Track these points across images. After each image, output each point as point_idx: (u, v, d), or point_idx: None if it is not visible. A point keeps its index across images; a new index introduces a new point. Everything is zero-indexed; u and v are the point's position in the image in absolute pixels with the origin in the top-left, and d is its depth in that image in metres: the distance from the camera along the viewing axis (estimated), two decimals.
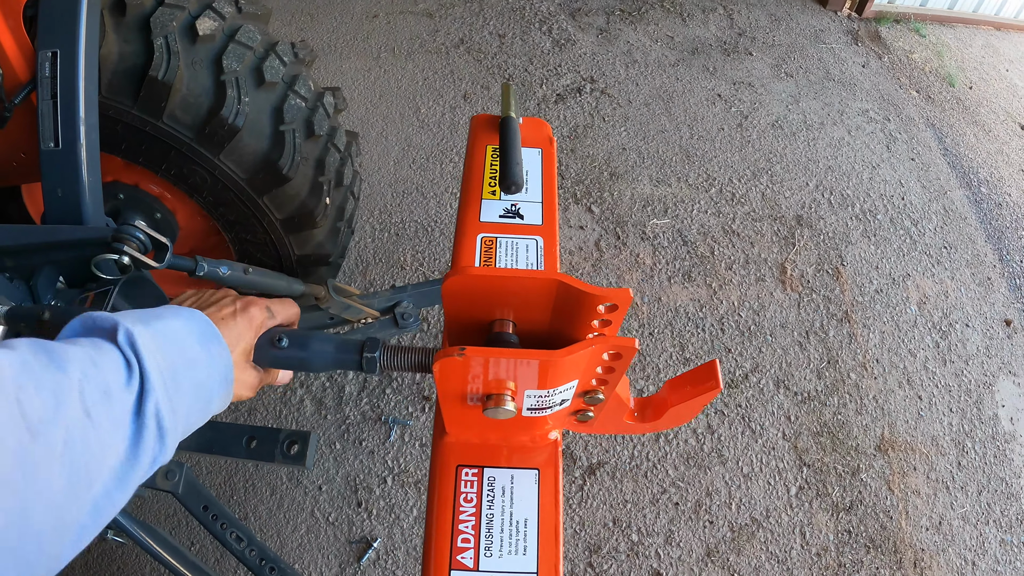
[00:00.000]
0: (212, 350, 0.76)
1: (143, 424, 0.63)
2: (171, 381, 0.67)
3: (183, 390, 0.69)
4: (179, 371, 0.69)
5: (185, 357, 0.71)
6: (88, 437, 0.57)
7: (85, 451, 0.57)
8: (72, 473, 0.55)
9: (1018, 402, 2.69)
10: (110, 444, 0.60)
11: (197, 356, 0.73)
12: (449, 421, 0.89)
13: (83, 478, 0.57)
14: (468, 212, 1.16)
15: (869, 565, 2.20)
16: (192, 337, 0.74)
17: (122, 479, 0.61)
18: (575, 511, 2.17)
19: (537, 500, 0.92)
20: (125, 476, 0.61)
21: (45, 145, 1.27)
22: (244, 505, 2.09)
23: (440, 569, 0.87)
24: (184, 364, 0.70)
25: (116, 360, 0.64)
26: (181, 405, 0.68)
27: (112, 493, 0.60)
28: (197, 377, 0.72)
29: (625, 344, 0.71)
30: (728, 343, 2.61)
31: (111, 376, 0.62)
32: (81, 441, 0.56)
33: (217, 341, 0.77)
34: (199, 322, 0.76)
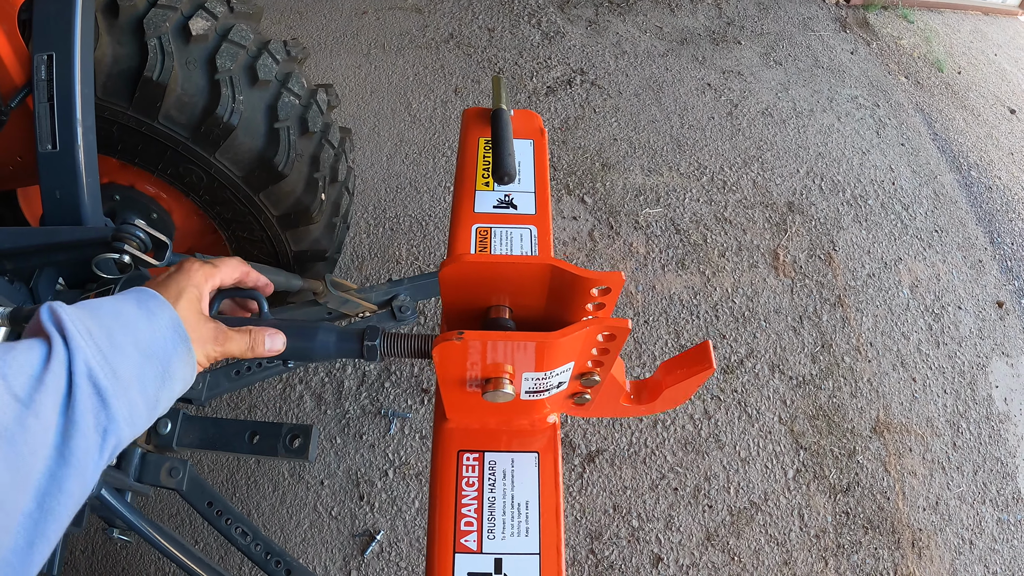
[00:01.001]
0: (150, 306, 0.72)
1: (75, 387, 0.59)
2: (105, 342, 0.64)
3: (124, 351, 0.66)
4: (114, 332, 0.66)
5: (120, 320, 0.68)
6: (25, 420, 0.55)
7: (24, 435, 0.55)
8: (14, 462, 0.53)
9: (1012, 383, 2.73)
10: (48, 420, 0.57)
11: (134, 316, 0.70)
12: (449, 407, 0.91)
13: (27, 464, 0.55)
14: (462, 203, 1.18)
15: (868, 545, 2.23)
16: (127, 303, 0.71)
17: (63, 452, 0.57)
18: (575, 498, 2.19)
19: (538, 482, 0.94)
20: (65, 448, 0.58)
21: (43, 147, 1.28)
22: (247, 502, 2.11)
23: (444, 552, 0.89)
24: (119, 326, 0.67)
25: (34, 341, 0.61)
26: (125, 368, 0.65)
27: (55, 471, 0.57)
28: (139, 337, 0.68)
29: (618, 325, 0.73)
30: (723, 329, 2.63)
31: (31, 355, 0.59)
32: (17, 426, 0.54)
33: (153, 298, 0.74)
34: (133, 292, 0.74)
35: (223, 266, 0.87)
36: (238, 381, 1.68)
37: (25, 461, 0.54)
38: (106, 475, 1.35)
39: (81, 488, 0.59)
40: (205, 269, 0.83)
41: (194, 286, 0.80)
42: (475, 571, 0.87)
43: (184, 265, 0.83)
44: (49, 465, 0.56)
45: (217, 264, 0.86)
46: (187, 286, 0.79)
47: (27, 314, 0.96)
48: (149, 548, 1.99)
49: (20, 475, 0.54)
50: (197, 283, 0.81)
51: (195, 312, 0.79)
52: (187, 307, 0.78)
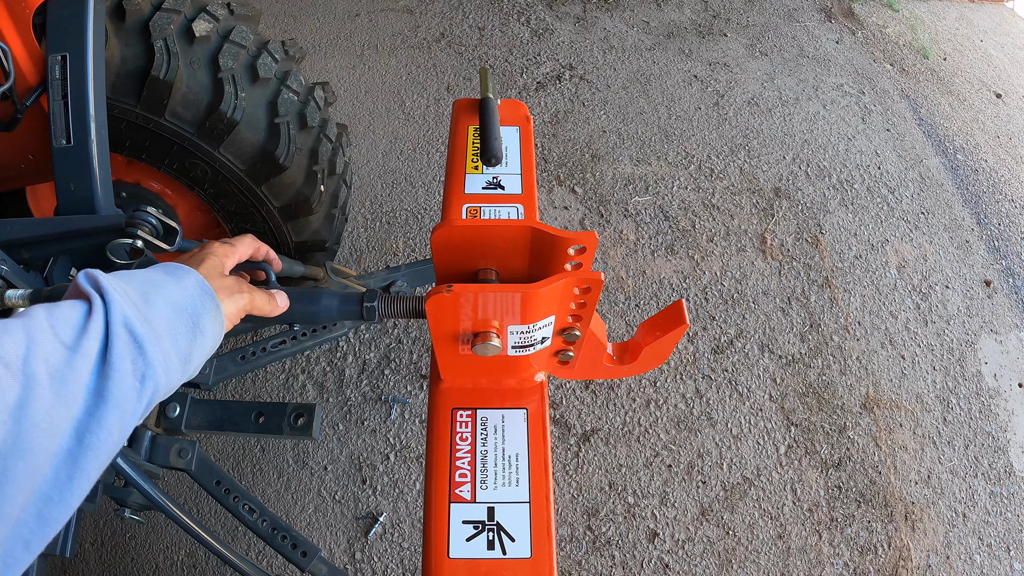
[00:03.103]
0: (177, 272, 0.79)
1: (112, 335, 0.64)
2: (139, 299, 0.70)
3: (155, 306, 0.71)
4: (147, 291, 0.72)
5: (151, 283, 0.74)
6: (74, 363, 0.60)
7: (74, 378, 0.60)
8: (63, 400, 0.59)
9: (1001, 359, 2.77)
10: (84, 365, 0.62)
11: (163, 279, 0.76)
12: (443, 367, 0.98)
13: (67, 399, 0.59)
14: (453, 185, 1.25)
15: (861, 519, 2.29)
16: (156, 270, 0.78)
17: (101, 392, 0.62)
18: (572, 477, 2.26)
19: (527, 436, 1.00)
20: (104, 389, 0.62)
21: (57, 143, 1.35)
22: (252, 488, 2.17)
23: (441, 502, 0.95)
24: (151, 286, 0.73)
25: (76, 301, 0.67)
26: (158, 319, 0.70)
27: (92, 410, 0.61)
28: (169, 294, 0.75)
29: (592, 277, 0.80)
30: (712, 311, 2.70)
31: (75, 311, 0.65)
32: (67, 369, 0.60)
33: (179, 267, 0.81)
34: (160, 264, 0.82)
35: (239, 244, 0.96)
36: (244, 365, 1.75)
37: (71, 399, 0.60)
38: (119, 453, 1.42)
39: (120, 427, 0.64)
40: (224, 247, 0.92)
41: (215, 256, 0.89)
42: (469, 519, 0.94)
43: (206, 246, 0.91)
44: (86, 403, 0.61)
45: (234, 243, 0.95)
46: (208, 255, 0.88)
47: (47, 294, 1.02)
48: (157, 537, 2.07)
49: (66, 411, 0.59)
50: (218, 255, 0.90)
51: (217, 273, 0.87)
52: (210, 270, 0.85)
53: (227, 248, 0.92)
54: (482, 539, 0.92)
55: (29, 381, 0.56)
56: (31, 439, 0.55)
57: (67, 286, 0.72)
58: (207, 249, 0.90)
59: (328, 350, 2.42)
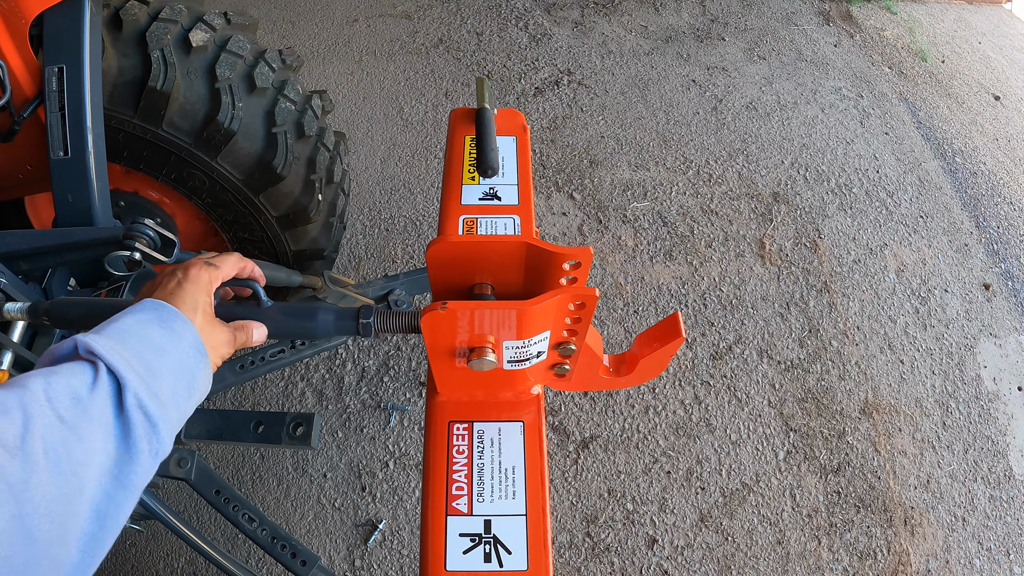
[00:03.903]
0: (175, 328, 0.76)
1: (128, 419, 0.64)
2: (144, 371, 0.68)
3: (161, 376, 0.70)
4: (149, 359, 0.69)
5: (151, 345, 0.71)
6: (68, 442, 0.58)
7: (68, 456, 0.57)
8: (61, 480, 0.56)
9: (1000, 363, 2.77)
10: (94, 445, 0.60)
11: (162, 340, 0.73)
12: (440, 380, 0.98)
13: (74, 483, 0.57)
14: (450, 196, 1.25)
15: (860, 524, 2.28)
16: (151, 325, 0.74)
17: (120, 478, 0.62)
18: (571, 484, 2.26)
19: (523, 449, 1.00)
20: (123, 474, 0.62)
21: (55, 154, 1.36)
22: (252, 496, 2.17)
23: (438, 515, 0.95)
24: (152, 351, 0.71)
25: (75, 366, 0.64)
26: (164, 391, 0.69)
27: (113, 494, 0.61)
28: (171, 360, 0.72)
29: (587, 293, 0.80)
30: (711, 317, 2.70)
31: (75, 380, 0.62)
32: (62, 447, 0.57)
33: (175, 317, 0.77)
34: (151, 308, 0.77)
35: (223, 265, 0.91)
36: (243, 375, 1.76)
37: (76, 482, 0.58)
38: None
39: (134, 504, 0.64)
40: (210, 272, 0.88)
41: (205, 294, 0.85)
42: (466, 532, 0.94)
43: (191, 272, 0.85)
44: (106, 488, 0.60)
45: (218, 264, 0.90)
46: (200, 296, 0.84)
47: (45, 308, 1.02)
48: (157, 544, 2.07)
49: (71, 495, 0.57)
50: (207, 291, 0.86)
51: (210, 322, 0.84)
52: (204, 320, 0.82)
53: (212, 272, 0.88)
54: (479, 552, 0.92)
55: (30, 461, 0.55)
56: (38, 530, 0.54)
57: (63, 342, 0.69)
58: (193, 281, 0.85)
59: (327, 357, 2.42)
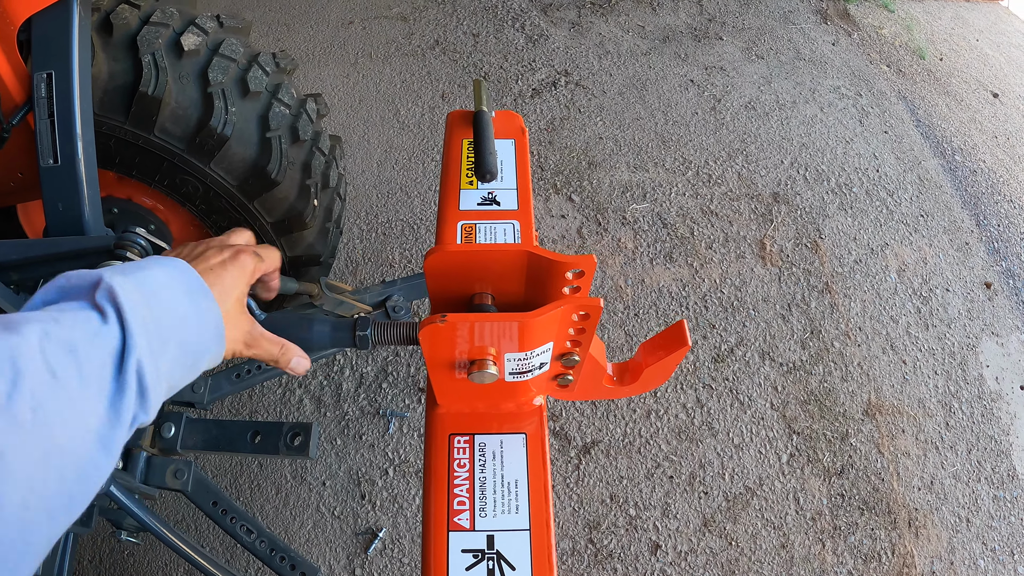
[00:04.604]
0: (201, 305, 0.69)
1: (124, 383, 0.58)
2: (156, 339, 0.62)
3: (168, 347, 0.64)
4: (165, 327, 0.64)
5: (172, 312, 0.65)
6: (59, 400, 0.53)
7: (58, 416, 0.52)
8: (47, 442, 0.51)
9: (1003, 362, 2.76)
10: (86, 405, 0.55)
11: (186, 312, 0.67)
12: (439, 392, 0.96)
13: (60, 445, 0.53)
14: (448, 202, 1.23)
15: (864, 526, 2.27)
16: (180, 289, 0.68)
17: (106, 442, 0.57)
18: (572, 490, 2.24)
19: (526, 462, 0.98)
20: (108, 438, 0.57)
21: (44, 162, 1.33)
22: (251, 505, 2.15)
23: (439, 531, 0.93)
24: (171, 319, 0.65)
25: (83, 313, 0.58)
26: (164, 363, 0.63)
27: (97, 458, 0.56)
28: (185, 336, 0.67)
29: (591, 304, 0.78)
30: (712, 319, 2.68)
31: (75, 331, 0.56)
32: (52, 406, 0.52)
33: (205, 295, 0.70)
34: (186, 273, 0.70)
35: (268, 260, 0.85)
36: (239, 384, 1.73)
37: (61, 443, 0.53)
38: (114, 477, 1.39)
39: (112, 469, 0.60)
40: (255, 263, 0.81)
41: (245, 284, 0.79)
42: (468, 548, 0.91)
43: (240, 258, 0.79)
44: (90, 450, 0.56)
45: (263, 256, 0.84)
46: (239, 284, 0.78)
47: None
48: (156, 555, 2.04)
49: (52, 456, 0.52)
50: (247, 281, 0.80)
51: (238, 311, 0.78)
52: (234, 307, 0.77)
53: (257, 264, 0.81)
54: (482, 568, 0.90)
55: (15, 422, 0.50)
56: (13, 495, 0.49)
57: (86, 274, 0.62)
58: (239, 267, 0.78)
59: (325, 363, 2.40)
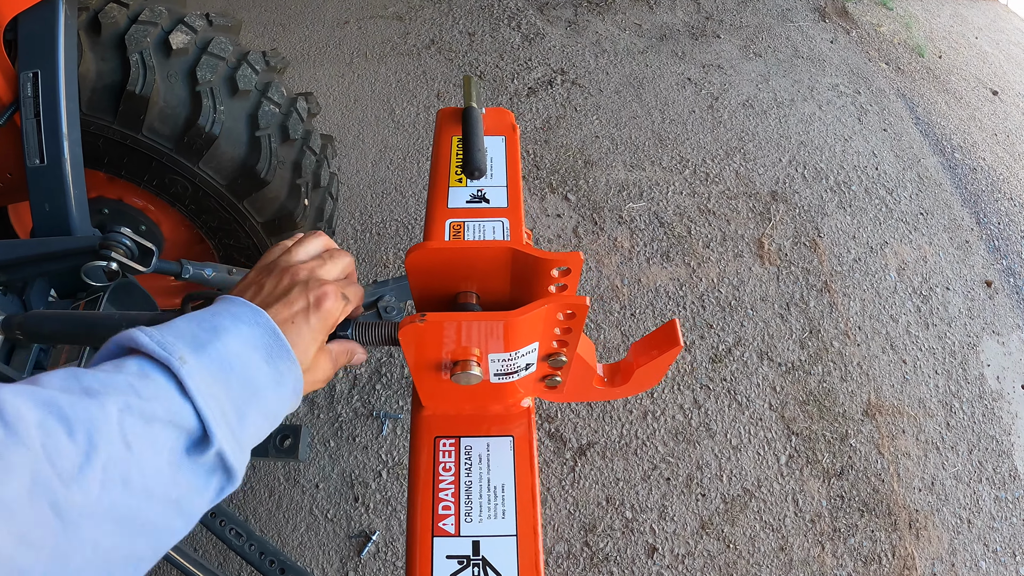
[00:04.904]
0: (280, 368, 0.65)
1: (208, 465, 0.58)
2: (235, 419, 0.60)
3: (248, 422, 0.62)
4: (244, 406, 0.61)
5: (250, 385, 0.62)
6: (129, 471, 0.51)
7: (126, 488, 0.51)
8: (111, 509, 0.50)
9: (1003, 360, 2.74)
10: (157, 475, 0.54)
11: (264, 381, 0.64)
12: (423, 394, 0.94)
13: (131, 514, 0.52)
14: (436, 200, 1.21)
15: (864, 528, 2.25)
16: (257, 355, 0.64)
17: (185, 510, 0.56)
18: (568, 492, 2.22)
19: (513, 465, 0.96)
20: (188, 506, 0.57)
21: (31, 162, 1.32)
22: (243, 508, 2.13)
23: (424, 536, 0.91)
24: (249, 393, 0.62)
25: (165, 385, 0.57)
26: (247, 435, 0.62)
27: (172, 524, 0.56)
28: (264, 404, 0.64)
29: (577, 302, 0.75)
30: (710, 319, 2.66)
31: (157, 406, 0.55)
32: (120, 477, 0.51)
33: (286, 357, 0.66)
34: (264, 333, 0.65)
35: (353, 300, 0.78)
36: None
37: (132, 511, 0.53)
38: None
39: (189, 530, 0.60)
40: (342, 309, 0.75)
41: (326, 332, 0.74)
42: (453, 554, 0.89)
43: (325, 306, 0.72)
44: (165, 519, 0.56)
45: (351, 299, 0.77)
46: (320, 336, 0.73)
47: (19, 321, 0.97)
48: None
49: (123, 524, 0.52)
50: (330, 329, 0.74)
51: (317, 359, 0.74)
52: (314, 358, 0.72)
53: (343, 309, 0.75)
54: (467, 574, 0.88)
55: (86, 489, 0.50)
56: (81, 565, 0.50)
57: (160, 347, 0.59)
58: (324, 309, 0.72)
59: None
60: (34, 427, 0.47)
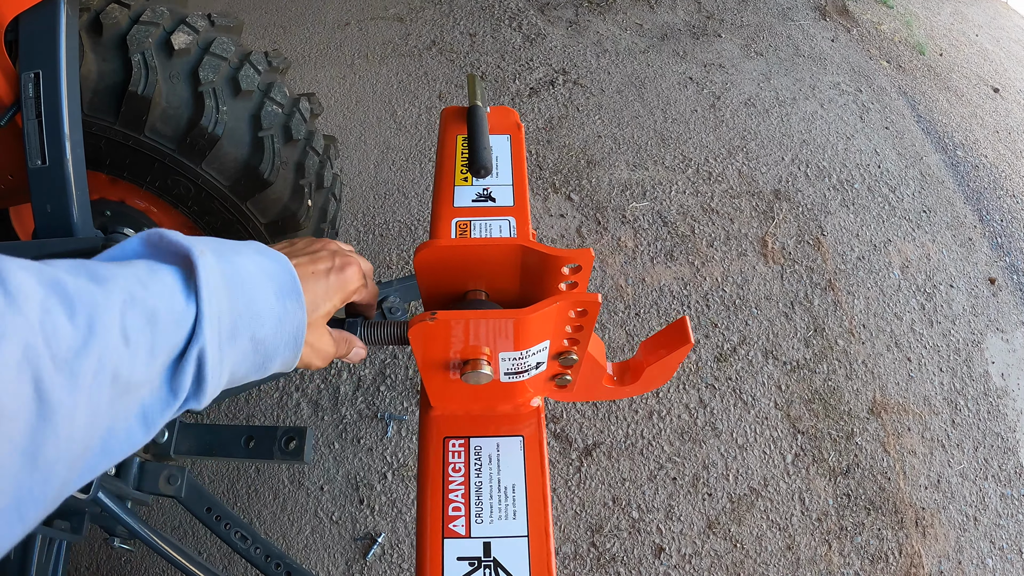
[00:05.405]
0: (287, 306, 0.65)
1: (183, 367, 0.55)
2: (227, 330, 0.58)
3: (239, 342, 0.60)
4: (240, 322, 0.60)
5: (252, 308, 0.61)
6: (121, 367, 0.49)
7: (115, 383, 0.49)
8: (96, 407, 0.48)
9: (1008, 358, 2.73)
10: (144, 377, 0.52)
11: (268, 310, 0.63)
12: (432, 394, 0.93)
13: (108, 412, 0.49)
14: (442, 199, 1.20)
15: (871, 526, 2.24)
16: (269, 286, 0.63)
17: (148, 419, 0.54)
18: (574, 492, 2.21)
19: (523, 465, 0.95)
20: (152, 417, 0.54)
21: (32, 164, 1.31)
22: (248, 510, 2.12)
23: (434, 538, 0.90)
24: (249, 316, 0.61)
25: (173, 284, 0.55)
26: (231, 355, 0.59)
27: (134, 432, 0.53)
28: (260, 332, 0.62)
29: (588, 299, 0.75)
30: (714, 318, 2.65)
31: (161, 302, 0.53)
32: (112, 372, 0.49)
33: (295, 298, 0.66)
34: (282, 271, 0.66)
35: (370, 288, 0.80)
36: (233, 388, 1.70)
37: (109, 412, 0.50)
38: (106, 483, 1.37)
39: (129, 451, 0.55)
40: (360, 284, 0.77)
41: (340, 300, 0.75)
42: (464, 555, 0.89)
43: (348, 272, 0.75)
44: (130, 424, 0.52)
45: (368, 286, 0.79)
46: (335, 298, 0.74)
47: None
48: (153, 561, 2.01)
49: (96, 424, 0.49)
50: (344, 298, 0.75)
51: (322, 325, 0.74)
52: (320, 319, 0.73)
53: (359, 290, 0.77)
54: None
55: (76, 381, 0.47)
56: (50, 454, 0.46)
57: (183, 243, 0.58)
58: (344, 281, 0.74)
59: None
60: (35, 303, 0.45)
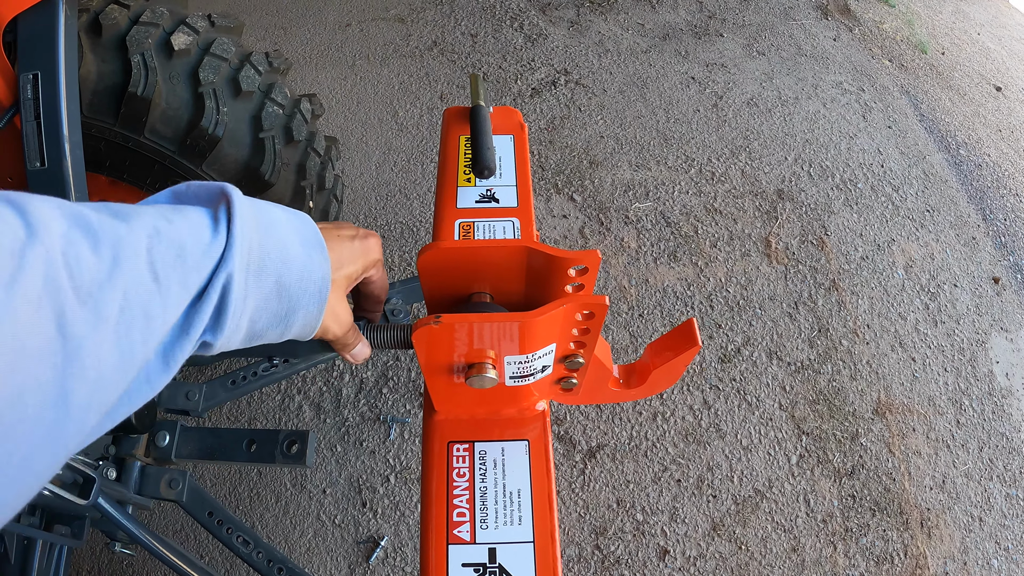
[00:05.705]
0: (313, 256, 0.63)
1: (207, 295, 0.52)
2: (256, 264, 0.56)
3: (264, 281, 0.58)
4: (267, 260, 0.58)
5: (282, 251, 0.59)
6: (151, 305, 0.47)
7: (144, 321, 0.47)
8: (126, 345, 0.46)
9: (1012, 357, 2.72)
10: (169, 315, 0.49)
11: (295, 256, 0.61)
12: (436, 398, 0.92)
13: (135, 351, 0.47)
14: (445, 200, 1.19)
15: (876, 528, 2.23)
16: (295, 236, 0.62)
17: (168, 355, 0.51)
18: (578, 495, 2.19)
19: (529, 470, 0.94)
20: (172, 350, 0.51)
21: (31, 165, 1.30)
22: (250, 514, 2.11)
23: (438, 544, 0.89)
24: (277, 256, 0.59)
25: (200, 219, 0.53)
26: (255, 293, 0.57)
27: (153, 372, 0.50)
28: (286, 277, 0.60)
29: (595, 301, 0.73)
30: (718, 319, 2.63)
31: (188, 235, 0.51)
32: (141, 309, 0.46)
33: (320, 250, 0.64)
34: (306, 225, 0.65)
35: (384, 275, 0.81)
36: (235, 391, 1.69)
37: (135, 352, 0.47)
38: (106, 488, 1.35)
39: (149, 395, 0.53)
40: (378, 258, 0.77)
41: (362, 269, 0.74)
42: (469, 562, 0.87)
43: (369, 241, 0.75)
44: (151, 364, 0.50)
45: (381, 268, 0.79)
46: (357, 262, 0.73)
47: None
48: (155, 566, 2.00)
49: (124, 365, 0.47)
50: (365, 268, 0.75)
51: (345, 287, 0.73)
52: (342, 281, 0.71)
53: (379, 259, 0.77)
54: None
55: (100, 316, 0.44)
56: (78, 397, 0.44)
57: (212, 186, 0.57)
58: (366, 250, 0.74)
59: (324, 369, 2.36)
60: (57, 235, 0.42)
